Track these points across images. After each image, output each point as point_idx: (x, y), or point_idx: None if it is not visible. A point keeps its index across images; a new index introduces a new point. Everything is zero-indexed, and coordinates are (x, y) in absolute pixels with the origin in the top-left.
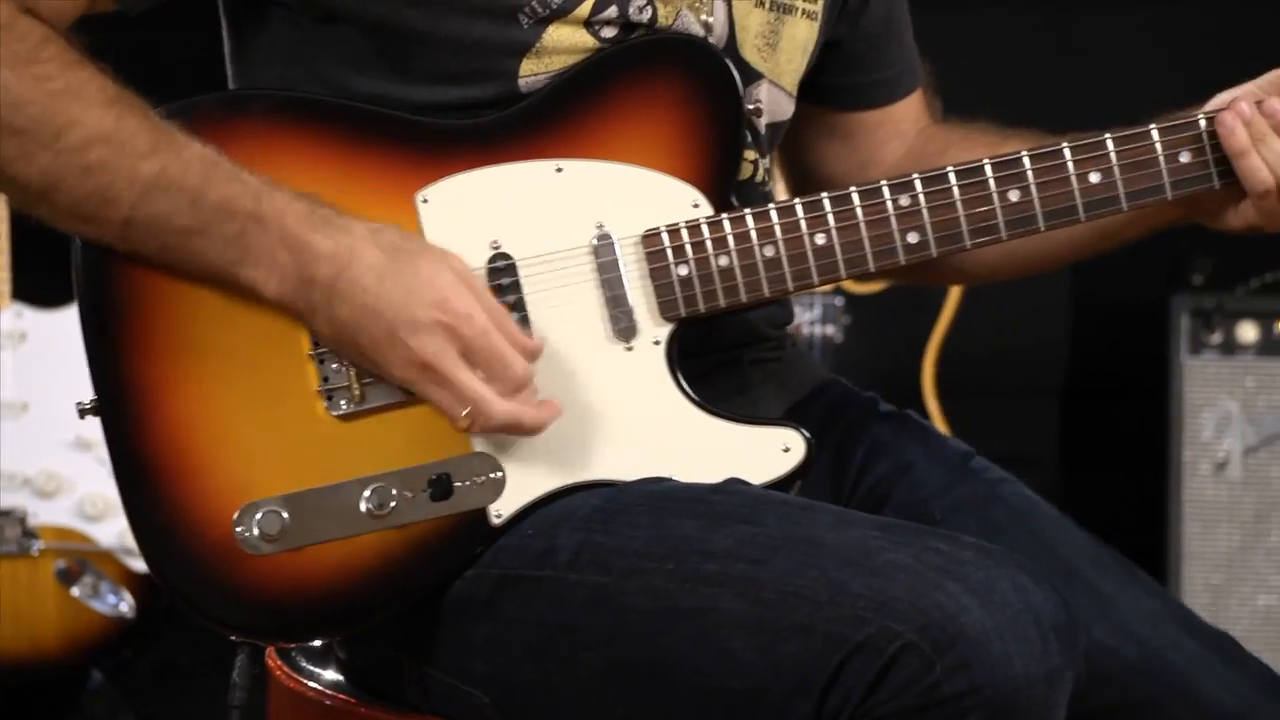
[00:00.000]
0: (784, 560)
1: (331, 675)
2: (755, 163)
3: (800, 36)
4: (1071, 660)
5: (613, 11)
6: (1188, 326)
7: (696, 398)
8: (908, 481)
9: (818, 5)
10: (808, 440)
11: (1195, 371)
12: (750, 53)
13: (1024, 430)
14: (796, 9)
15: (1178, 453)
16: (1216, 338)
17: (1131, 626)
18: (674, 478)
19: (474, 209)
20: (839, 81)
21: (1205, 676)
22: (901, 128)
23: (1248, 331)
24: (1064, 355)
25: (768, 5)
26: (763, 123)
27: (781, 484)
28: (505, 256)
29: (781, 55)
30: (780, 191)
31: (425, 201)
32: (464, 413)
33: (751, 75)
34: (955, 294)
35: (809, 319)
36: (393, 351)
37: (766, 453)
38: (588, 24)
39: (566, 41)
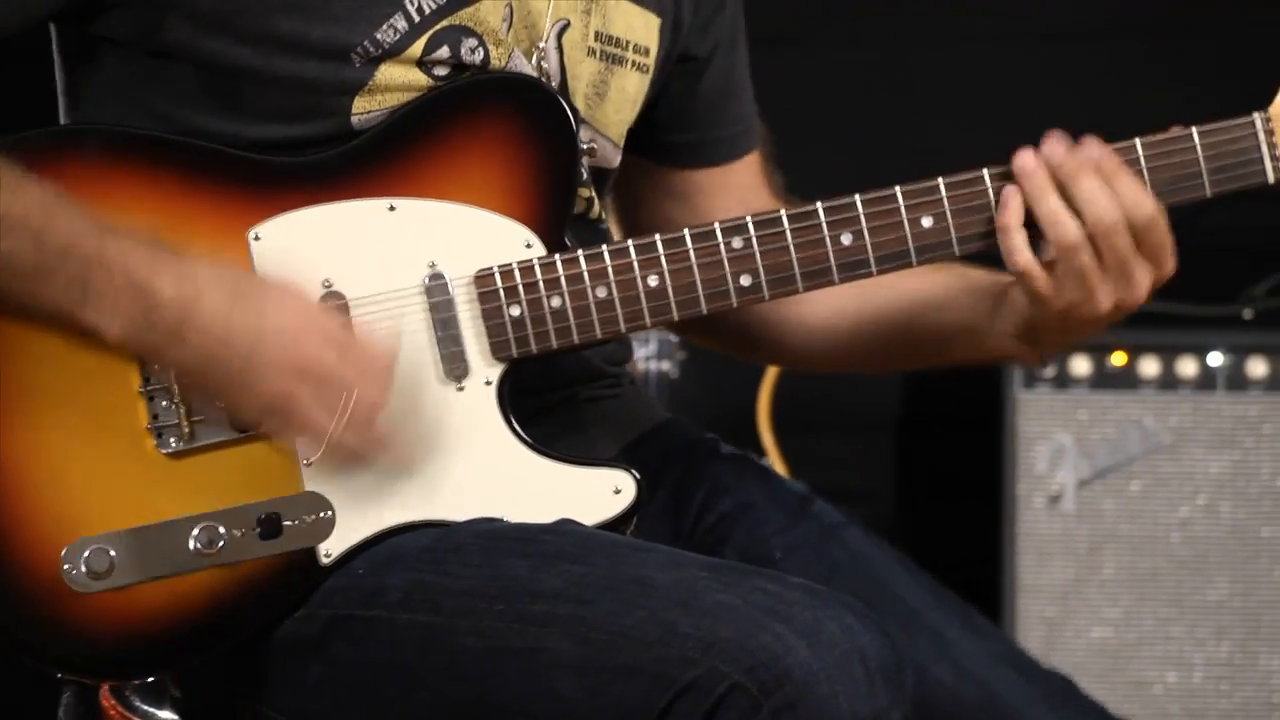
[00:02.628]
0: (612, 601)
1: (166, 714)
2: (590, 199)
3: (630, 89)
4: (898, 700)
5: (444, 52)
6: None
7: (528, 438)
8: (748, 522)
9: (650, 58)
10: (638, 482)
11: (1029, 405)
12: (579, 101)
13: (859, 464)
14: (627, 60)
15: (1012, 486)
16: (1050, 371)
17: (970, 668)
18: (505, 518)
19: (306, 247)
20: (677, 139)
21: (1041, 718)
22: (739, 193)
23: (1080, 365)
24: (898, 390)
25: (599, 55)
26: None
27: (613, 525)
28: (337, 295)
29: (610, 106)
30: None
31: (257, 239)
32: (314, 449)
33: (577, 119)
34: None
35: (644, 355)
36: (242, 394)
37: (598, 494)
38: (420, 63)
39: (400, 79)
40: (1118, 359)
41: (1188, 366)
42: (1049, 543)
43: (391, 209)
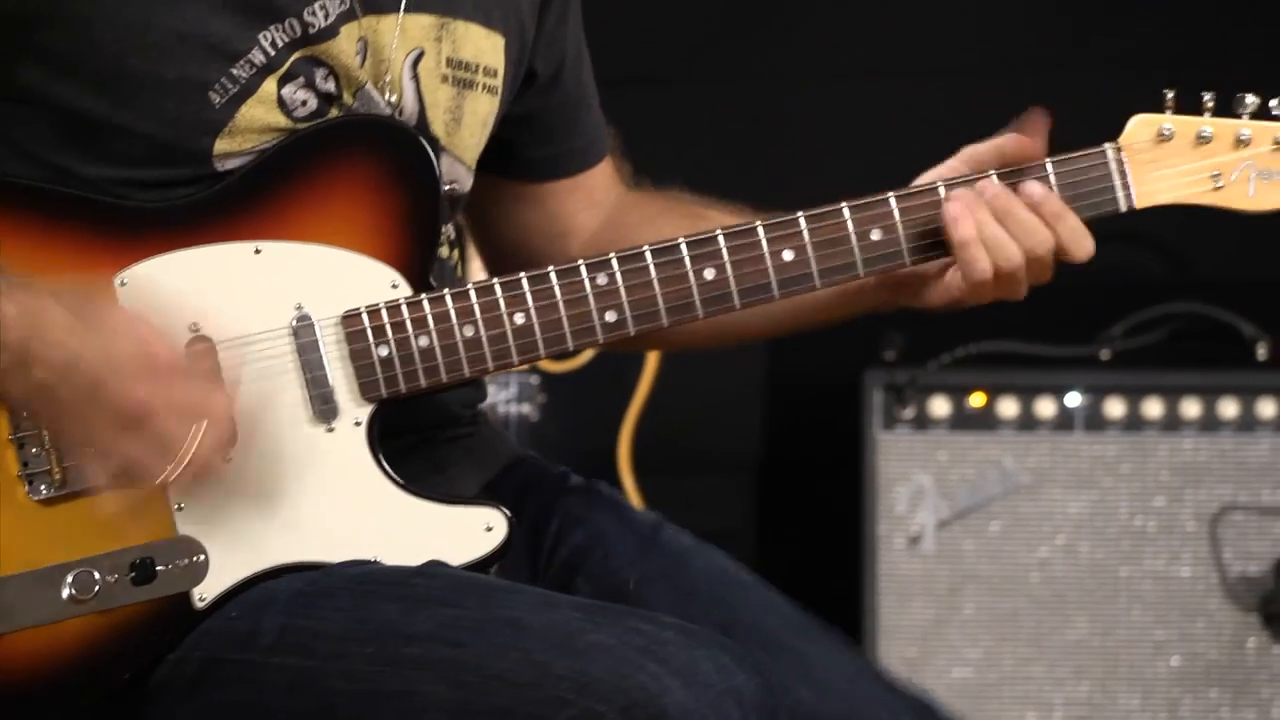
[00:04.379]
0: (485, 643)
1: None
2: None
3: (481, 111)
4: None
5: (300, 82)
6: (881, 402)
7: (399, 479)
8: (600, 553)
9: (498, 79)
10: (509, 519)
11: (888, 446)
12: (438, 129)
13: (720, 506)
14: (478, 84)
15: (872, 527)
16: (909, 413)
17: (833, 685)
18: (378, 559)
19: (172, 291)
20: (534, 154)
21: None
22: (595, 195)
23: (940, 406)
24: (759, 431)
25: (452, 81)
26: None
27: (486, 562)
28: (204, 339)
29: (465, 131)
30: (477, 269)
31: (123, 284)
32: (169, 464)
33: (437, 150)
34: (650, 371)
35: (505, 398)
36: (97, 407)
37: (469, 533)
38: (280, 102)
39: (260, 121)
40: (977, 400)
41: (1046, 407)
42: (909, 583)
43: (257, 252)
